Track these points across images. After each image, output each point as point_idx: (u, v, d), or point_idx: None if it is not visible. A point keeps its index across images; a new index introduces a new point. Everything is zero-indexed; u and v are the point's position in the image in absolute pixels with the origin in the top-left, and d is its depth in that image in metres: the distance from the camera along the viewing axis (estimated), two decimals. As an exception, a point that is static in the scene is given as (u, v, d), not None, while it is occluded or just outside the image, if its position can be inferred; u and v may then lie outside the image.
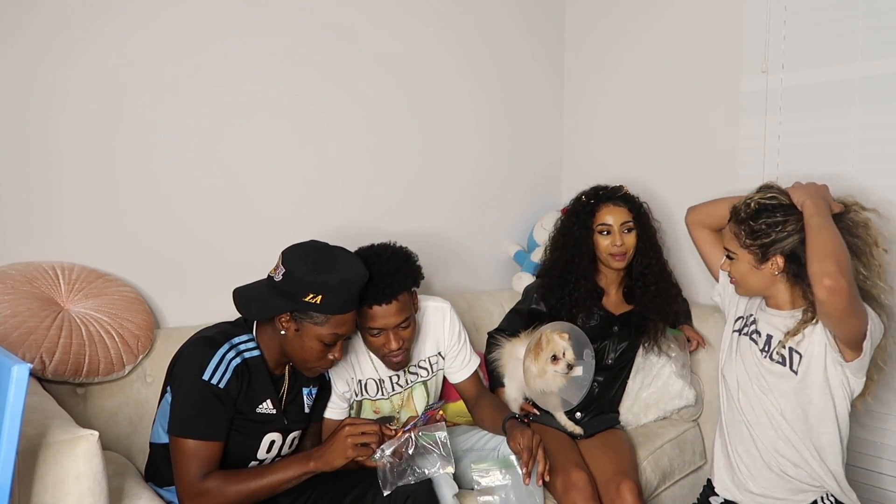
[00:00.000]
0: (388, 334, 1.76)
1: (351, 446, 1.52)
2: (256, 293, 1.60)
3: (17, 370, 1.03)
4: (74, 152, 1.89)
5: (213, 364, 1.52)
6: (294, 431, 1.71)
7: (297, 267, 1.54)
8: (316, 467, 1.53)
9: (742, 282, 1.83)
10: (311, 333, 1.56)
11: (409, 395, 1.97)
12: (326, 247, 1.63)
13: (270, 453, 1.66)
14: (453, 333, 2.00)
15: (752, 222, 1.75)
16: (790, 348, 1.76)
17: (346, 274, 1.57)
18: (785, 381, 1.77)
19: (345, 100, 2.42)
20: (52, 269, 1.83)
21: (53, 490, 1.20)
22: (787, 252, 1.73)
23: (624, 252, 2.20)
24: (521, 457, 1.67)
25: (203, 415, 1.51)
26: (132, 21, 1.95)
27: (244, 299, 1.61)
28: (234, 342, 1.58)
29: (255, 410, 1.61)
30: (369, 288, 1.68)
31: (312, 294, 1.52)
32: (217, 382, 1.51)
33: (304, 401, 1.74)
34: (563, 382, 2.00)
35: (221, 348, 1.55)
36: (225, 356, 1.55)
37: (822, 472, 1.75)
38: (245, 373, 1.58)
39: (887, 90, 2.18)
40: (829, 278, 1.57)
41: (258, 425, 1.62)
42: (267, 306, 1.57)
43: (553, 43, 3.09)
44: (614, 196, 2.24)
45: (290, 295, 1.53)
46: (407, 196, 2.62)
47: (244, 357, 1.59)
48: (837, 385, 1.73)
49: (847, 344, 1.68)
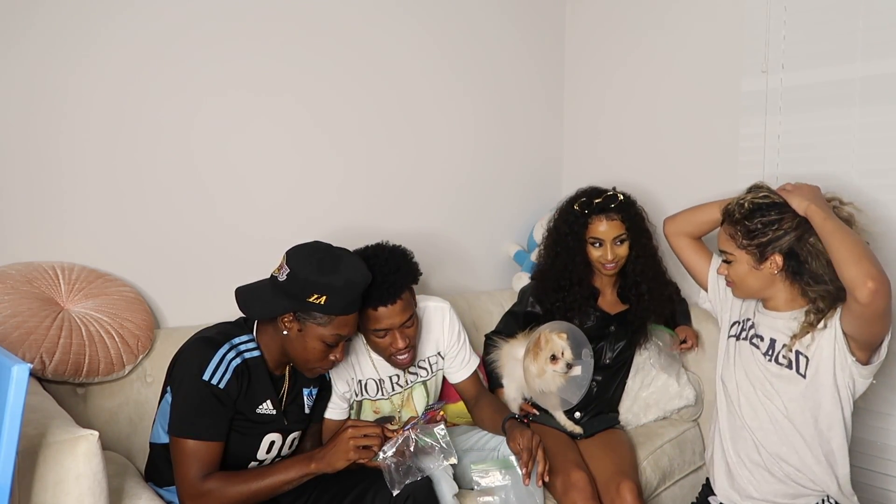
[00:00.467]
0: (395, 334, 1.77)
1: (353, 448, 1.52)
2: (259, 293, 1.60)
3: (17, 370, 1.03)
4: (75, 152, 1.89)
5: (214, 364, 1.52)
6: (294, 432, 1.71)
7: (302, 267, 1.54)
8: (317, 468, 1.53)
9: (741, 284, 1.80)
10: (314, 334, 1.56)
11: (408, 396, 1.97)
12: (330, 248, 1.63)
13: (270, 454, 1.66)
14: (453, 333, 2.00)
15: (748, 222, 1.73)
16: (797, 351, 1.74)
17: (350, 275, 1.57)
18: (793, 384, 1.74)
19: (345, 100, 2.42)
20: (52, 269, 1.83)
21: (53, 490, 1.20)
22: (784, 250, 1.71)
23: (615, 262, 2.21)
24: (521, 457, 1.67)
25: (203, 415, 1.51)
26: (133, 22, 1.95)
27: (247, 299, 1.61)
28: (234, 342, 1.58)
29: (254, 411, 1.61)
30: (372, 290, 1.67)
31: (317, 295, 1.52)
32: (217, 383, 1.51)
33: (305, 401, 1.74)
34: (563, 382, 2.00)
35: (221, 348, 1.55)
36: (225, 356, 1.54)
37: (826, 477, 1.74)
38: (245, 373, 1.57)
39: (887, 90, 2.18)
40: (872, 280, 1.52)
41: (258, 426, 1.62)
42: (270, 306, 1.57)
43: (553, 42, 3.09)
44: (607, 208, 2.21)
45: (293, 295, 1.53)
46: (407, 196, 2.62)
47: (244, 357, 1.58)
48: (844, 386, 1.71)
49: (867, 345, 1.65)
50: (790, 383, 1.75)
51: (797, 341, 1.73)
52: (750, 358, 1.83)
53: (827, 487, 1.75)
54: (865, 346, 1.65)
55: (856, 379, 1.70)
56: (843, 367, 1.69)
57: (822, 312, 1.71)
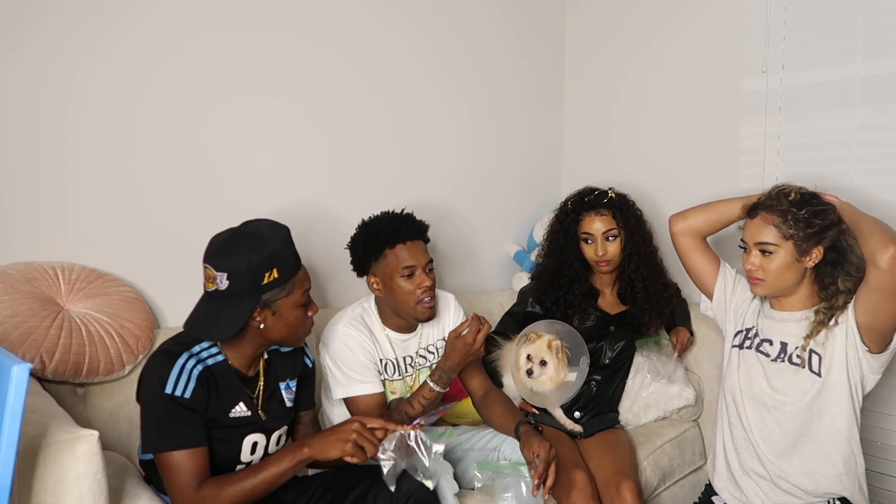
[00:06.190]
0: (421, 272, 1.86)
1: (352, 443, 1.46)
2: (212, 315, 1.51)
3: (17, 370, 1.03)
4: (75, 153, 1.89)
5: (174, 377, 1.46)
6: (278, 430, 1.67)
7: (236, 261, 1.46)
8: (310, 453, 1.47)
9: (775, 279, 1.72)
10: (288, 305, 1.53)
11: (416, 378, 2.01)
12: (236, 230, 1.55)
13: (255, 454, 1.62)
14: (457, 320, 2.04)
15: (798, 210, 1.68)
16: (810, 350, 1.72)
17: (273, 233, 1.52)
18: (808, 384, 1.73)
19: (345, 103, 2.42)
20: (52, 269, 1.83)
21: (53, 490, 1.20)
22: (828, 242, 1.69)
23: (608, 259, 2.21)
24: (535, 467, 1.66)
25: (177, 426, 1.46)
26: (135, 25, 1.95)
27: (203, 327, 1.52)
28: (193, 351, 1.52)
29: (228, 415, 1.56)
30: (391, 232, 1.82)
31: (268, 272, 1.48)
32: (181, 394, 1.46)
33: (283, 396, 1.69)
34: (552, 386, 2.03)
35: (180, 359, 1.49)
36: (185, 366, 1.48)
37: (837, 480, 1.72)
38: (210, 379, 1.52)
39: (887, 90, 2.18)
40: (894, 245, 1.55)
41: (235, 430, 1.57)
42: (235, 318, 1.50)
43: (553, 42, 3.09)
44: (598, 204, 2.22)
45: (249, 289, 1.48)
46: (407, 196, 2.61)
47: (207, 364, 1.53)
48: (856, 383, 1.70)
49: (880, 334, 1.65)
50: (805, 383, 1.73)
51: (810, 341, 1.72)
52: (756, 367, 1.81)
53: (840, 491, 1.73)
54: (878, 335, 1.65)
55: (865, 374, 1.70)
56: (855, 362, 1.69)
57: (835, 310, 1.70)
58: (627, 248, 2.23)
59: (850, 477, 1.74)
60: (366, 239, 1.91)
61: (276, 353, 1.69)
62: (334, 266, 2.29)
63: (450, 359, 1.88)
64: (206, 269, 1.50)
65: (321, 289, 2.36)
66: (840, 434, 1.72)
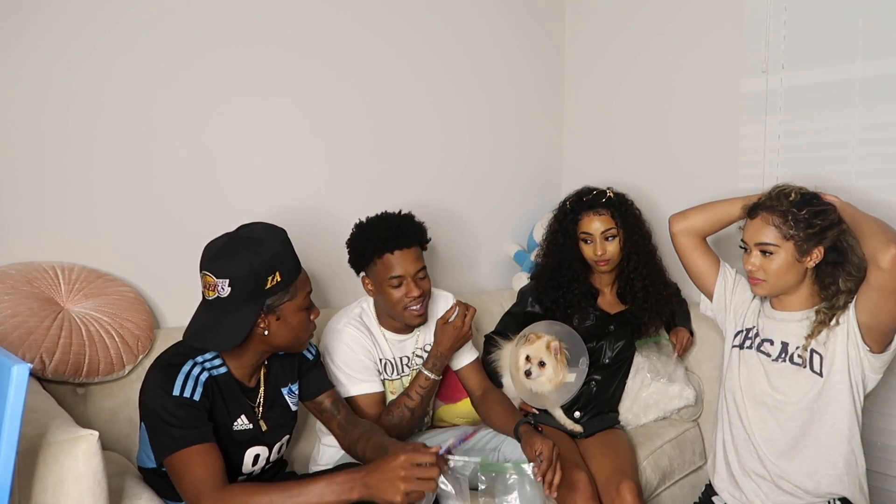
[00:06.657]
0: (409, 283, 1.84)
1: (407, 480, 1.31)
2: (216, 321, 1.46)
3: (17, 370, 1.03)
4: (76, 152, 1.89)
5: (181, 381, 1.42)
6: (280, 440, 1.65)
7: (237, 266, 1.42)
8: (361, 496, 1.33)
9: (776, 279, 1.72)
10: (292, 309, 1.51)
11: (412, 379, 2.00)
12: (233, 234, 1.51)
13: (257, 466, 1.61)
14: None
15: (798, 210, 1.68)
16: (811, 350, 1.72)
17: (272, 236, 1.50)
18: (809, 384, 1.73)
19: (346, 100, 2.42)
20: (52, 269, 1.83)
21: (53, 490, 1.20)
22: (828, 243, 1.69)
23: (606, 259, 2.21)
24: (539, 465, 1.65)
25: (189, 423, 1.41)
26: (135, 25, 1.95)
27: (208, 337, 1.47)
28: (197, 360, 1.49)
29: (231, 428, 1.53)
30: (386, 237, 1.78)
31: (270, 276, 1.45)
32: (190, 395, 1.42)
33: (287, 401, 1.68)
34: (551, 387, 2.03)
35: (185, 366, 1.45)
36: (191, 372, 1.45)
37: (838, 480, 1.72)
38: (215, 388, 1.49)
39: (887, 90, 2.18)
40: (895, 245, 1.55)
41: (238, 444, 1.55)
42: (239, 325, 1.45)
43: (553, 42, 3.09)
44: (596, 204, 2.22)
45: (252, 294, 1.44)
46: (407, 196, 2.61)
47: (211, 374, 1.50)
48: (857, 382, 1.70)
49: (881, 334, 1.65)
50: (806, 383, 1.73)
51: (811, 340, 1.72)
52: (757, 367, 1.81)
53: (841, 491, 1.74)
54: (879, 335, 1.65)
55: (867, 374, 1.70)
56: (857, 362, 1.69)
57: (836, 310, 1.70)
58: (626, 247, 2.23)
59: (850, 477, 1.73)
60: (356, 245, 1.91)
61: (275, 357, 1.66)
62: (334, 267, 2.29)
63: (441, 344, 1.91)
64: (204, 276, 1.46)
65: (322, 291, 2.36)
66: (841, 434, 1.72)
